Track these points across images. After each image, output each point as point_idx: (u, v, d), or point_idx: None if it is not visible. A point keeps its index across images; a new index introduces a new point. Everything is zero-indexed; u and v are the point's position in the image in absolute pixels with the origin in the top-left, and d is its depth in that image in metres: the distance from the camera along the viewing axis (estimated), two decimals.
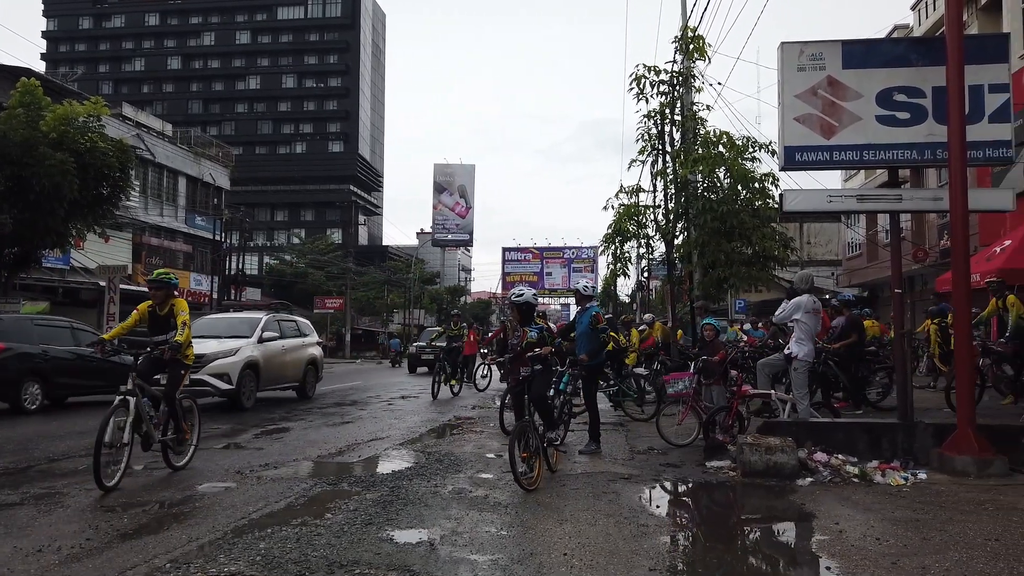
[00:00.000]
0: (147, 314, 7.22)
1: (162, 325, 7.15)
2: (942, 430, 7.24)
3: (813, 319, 8.75)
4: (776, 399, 8.79)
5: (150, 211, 36.04)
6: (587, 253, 75.51)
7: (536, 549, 4.62)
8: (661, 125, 15.10)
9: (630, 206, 15.61)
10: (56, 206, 15.71)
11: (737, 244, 13.91)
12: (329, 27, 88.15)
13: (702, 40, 14.63)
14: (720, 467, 7.31)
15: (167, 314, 7.14)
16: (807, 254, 33.26)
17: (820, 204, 8.04)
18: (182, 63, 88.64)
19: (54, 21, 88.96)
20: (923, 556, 4.48)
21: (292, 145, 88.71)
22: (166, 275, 7.25)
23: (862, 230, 27.25)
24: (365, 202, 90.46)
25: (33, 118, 16.03)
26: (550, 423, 7.17)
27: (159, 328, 7.18)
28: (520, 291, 7.24)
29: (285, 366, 14.19)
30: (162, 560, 4.35)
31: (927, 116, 7.60)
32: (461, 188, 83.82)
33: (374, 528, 5.08)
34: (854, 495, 6.13)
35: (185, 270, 39.08)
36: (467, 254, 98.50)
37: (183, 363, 7.17)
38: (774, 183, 13.91)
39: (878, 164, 8.12)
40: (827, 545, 4.81)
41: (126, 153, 17.90)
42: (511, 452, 6.26)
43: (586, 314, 8.65)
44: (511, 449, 6.28)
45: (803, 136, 7.79)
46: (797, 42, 7.93)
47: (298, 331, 15.37)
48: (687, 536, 5.30)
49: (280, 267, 62.36)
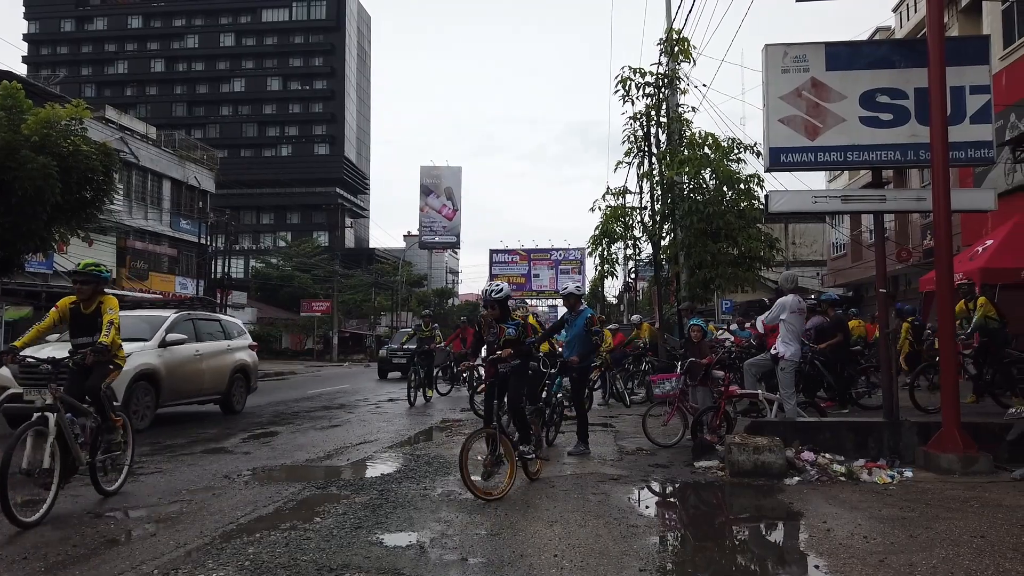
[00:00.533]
0: (68, 312, 6.22)
1: (87, 325, 6.18)
2: (927, 428, 7.31)
3: (798, 319, 8.82)
4: (763, 399, 8.84)
5: (134, 215, 35.74)
6: (575, 255, 75.59)
7: (526, 551, 4.62)
8: (647, 127, 15.19)
9: (617, 208, 15.69)
10: (39, 210, 15.53)
11: (723, 245, 14.01)
12: (314, 29, 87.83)
13: (687, 42, 14.74)
14: (708, 467, 7.34)
15: (93, 312, 6.18)
16: (792, 254, 33.47)
17: (805, 205, 8.11)
18: (166, 65, 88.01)
19: (36, 23, 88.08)
20: (910, 553, 4.52)
21: (278, 148, 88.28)
22: (95, 267, 6.32)
23: (846, 230, 27.47)
24: (351, 205, 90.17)
25: (14, 121, 15.83)
26: (524, 435, 6.70)
27: (83, 329, 6.21)
28: (498, 286, 6.83)
29: (200, 375, 11.96)
30: (149, 567, 4.32)
31: (910, 117, 7.69)
32: (448, 190, 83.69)
33: (364, 531, 5.07)
34: (841, 494, 6.17)
35: (171, 274, 38.82)
36: (454, 256, 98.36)
37: (115, 363, 6.36)
38: (759, 184, 14.03)
39: (862, 165, 8.19)
40: (815, 544, 4.84)
41: (110, 156, 17.70)
42: (461, 458, 5.93)
43: (581, 316, 8.58)
44: (462, 455, 5.95)
45: (788, 137, 7.85)
46: (781, 44, 7.99)
47: (222, 332, 13.11)
48: (676, 536, 5.32)
49: (266, 270, 62.02)
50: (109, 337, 6.02)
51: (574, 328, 8.59)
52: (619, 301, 55.12)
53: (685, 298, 14.96)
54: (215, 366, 12.41)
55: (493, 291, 6.81)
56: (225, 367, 12.70)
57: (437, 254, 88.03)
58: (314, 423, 11.64)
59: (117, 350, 6.34)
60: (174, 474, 7.28)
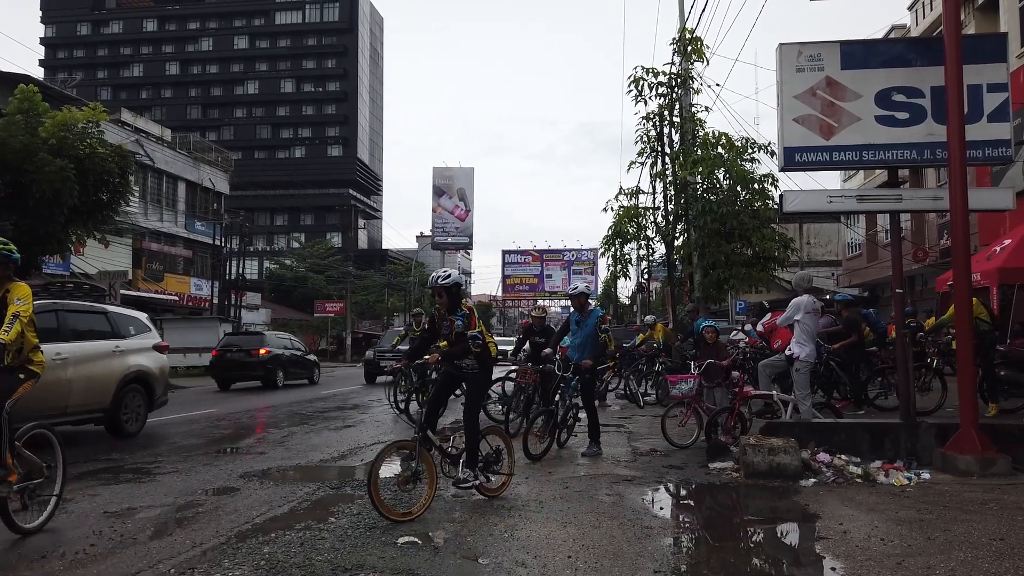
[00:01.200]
0: None
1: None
2: (945, 430, 7.24)
3: (813, 319, 8.76)
4: (778, 400, 8.79)
5: (150, 216, 36.05)
6: (587, 255, 75.53)
7: (540, 552, 4.62)
8: (660, 127, 15.18)
9: (630, 208, 15.68)
10: (56, 212, 15.71)
11: (737, 245, 13.97)
12: (327, 31, 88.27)
13: (700, 42, 14.70)
14: (723, 468, 7.31)
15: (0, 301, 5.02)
16: (807, 255, 33.28)
17: (820, 205, 8.05)
18: (180, 68, 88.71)
19: (52, 27, 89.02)
20: (928, 556, 4.48)
21: (291, 149, 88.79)
22: (4, 246, 5.11)
23: (862, 230, 27.29)
24: (364, 206, 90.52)
25: (32, 124, 16.03)
26: (472, 456, 5.83)
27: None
28: (446, 272, 6.00)
29: (63, 387, 8.96)
30: (166, 565, 4.35)
31: (926, 116, 7.61)
32: (460, 191, 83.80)
33: (378, 532, 5.08)
34: (858, 496, 6.12)
35: (185, 275, 39.11)
36: (467, 257, 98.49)
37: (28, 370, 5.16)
38: (773, 184, 13.98)
39: (878, 164, 8.12)
40: (831, 546, 4.80)
41: (125, 159, 17.89)
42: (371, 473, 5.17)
43: (592, 316, 8.55)
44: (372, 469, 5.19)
45: (802, 137, 7.80)
46: (795, 43, 7.94)
47: (109, 329, 10.17)
48: (691, 538, 5.30)
49: (280, 271, 62.38)
50: (11, 334, 4.81)
51: (586, 328, 8.53)
52: (632, 302, 54.97)
53: (698, 298, 14.92)
54: (91, 374, 9.51)
55: (440, 277, 5.91)
56: (110, 376, 9.81)
57: (450, 255, 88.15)
58: (328, 423, 11.68)
59: (31, 352, 5.20)
60: (190, 474, 7.33)
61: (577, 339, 8.63)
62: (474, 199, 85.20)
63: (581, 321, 8.59)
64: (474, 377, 6.07)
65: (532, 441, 7.89)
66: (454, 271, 6.14)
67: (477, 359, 5.94)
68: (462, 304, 5.96)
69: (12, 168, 15.10)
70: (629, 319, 50.75)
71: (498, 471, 6.12)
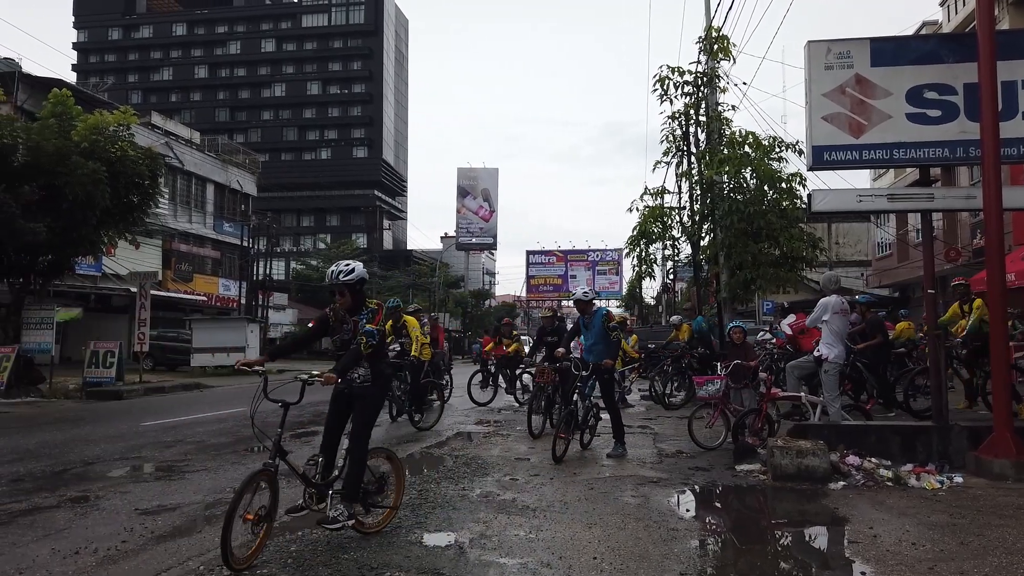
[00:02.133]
0: None
1: None
2: (978, 433, 7.11)
3: (841, 320, 8.63)
4: (806, 401, 8.68)
5: (179, 218, 36.55)
6: (612, 255, 75.19)
7: (565, 553, 4.61)
8: (686, 126, 15.08)
9: (655, 208, 15.59)
10: (89, 214, 15.99)
11: (764, 245, 13.83)
12: (353, 34, 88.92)
13: (726, 40, 14.59)
14: (750, 470, 7.24)
15: None
16: (835, 254, 32.85)
17: (850, 204, 7.94)
18: (209, 72, 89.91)
19: (84, 32, 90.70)
20: (961, 561, 4.39)
21: (317, 151, 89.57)
22: None
23: (892, 230, 26.88)
24: (389, 207, 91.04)
25: (65, 128, 16.33)
26: (352, 488, 4.73)
27: None
28: (349, 265, 4.89)
29: None
30: (196, 563, 4.41)
31: (959, 113, 7.48)
32: (484, 192, 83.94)
33: (403, 531, 5.10)
34: (888, 499, 6.03)
35: (214, 275, 39.59)
36: (491, 258, 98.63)
37: None
38: (801, 183, 13.82)
39: (909, 163, 7.99)
40: (861, 550, 4.73)
41: (155, 161, 18.17)
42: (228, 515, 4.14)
43: (596, 316, 8.60)
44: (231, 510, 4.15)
45: (831, 135, 7.70)
46: (824, 40, 7.84)
47: None
48: (718, 540, 5.25)
49: (306, 272, 62.91)
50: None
51: (593, 330, 8.58)
52: (657, 302, 54.69)
53: (725, 298, 14.80)
54: None
55: (342, 272, 4.83)
56: None
57: (474, 255, 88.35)
58: None
59: None
60: (218, 472, 7.41)
61: (588, 340, 8.68)
62: (499, 200, 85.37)
63: (588, 323, 8.67)
64: (364, 392, 4.89)
65: (558, 444, 7.86)
66: (358, 264, 4.93)
67: (372, 369, 4.88)
68: (366, 303, 4.94)
69: (46, 171, 15.40)
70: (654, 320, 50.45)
71: (380, 503, 5.07)
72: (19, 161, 15.60)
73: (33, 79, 25.23)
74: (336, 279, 4.82)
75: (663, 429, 10.63)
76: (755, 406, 8.44)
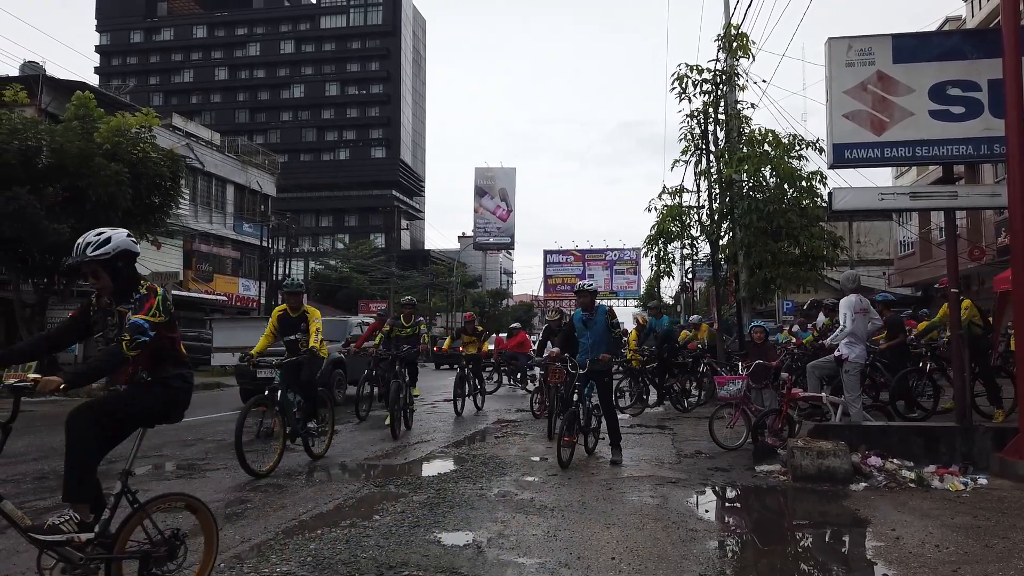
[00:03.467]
0: None
1: None
2: (1002, 434, 7.01)
3: (862, 319, 8.54)
4: (827, 402, 8.60)
5: (200, 218, 36.90)
6: (629, 255, 74.94)
7: (583, 553, 4.59)
8: (704, 124, 14.99)
9: (673, 207, 15.51)
10: (111, 215, 16.20)
11: (784, 244, 13.72)
12: (371, 34, 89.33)
13: (746, 37, 14.49)
14: (770, 471, 7.18)
15: None
16: (856, 253, 32.52)
17: (871, 202, 7.86)
18: (229, 73, 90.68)
19: (107, 35, 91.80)
20: (985, 564, 4.33)
21: (336, 152, 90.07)
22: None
23: (914, 228, 26.58)
24: (407, 207, 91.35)
25: (88, 130, 16.56)
26: None
27: None
28: (101, 235, 3.59)
29: None
30: (216, 559, 4.43)
31: (983, 110, 7.37)
32: (502, 191, 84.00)
33: (422, 530, 5.11)
34: (911, 500, 5.96)
35: (234, 275, 39.93)
36: (508, 257, 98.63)
37: None
38: (822, 181, 13.70)
39: (932, 160, 7.90)
40: (883, 552, 4.68)
41: (176, 163, 18.39)
42: None
43: (599, 313, 8.09)
44: None
45: (852, 133, 7.62)
46: (845, 37, 7.76)
47: None
48: (737, 541, 5.21)
49: (325, 272, 63.31)
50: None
51: (596, 327, 8.03)
52: (676, 301, 54.42)
53: (744, 297, 14.70)
54: None
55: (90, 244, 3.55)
56: None
57: (491, 255, 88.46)
58: (372, 422, 11.78)
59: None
60: (238, 470, 7.45)
61: (588, 339, 8.08)
62: (516, 199, 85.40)
63: (589, 320, 8.09)
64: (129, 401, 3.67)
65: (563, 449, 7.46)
66: (117, 232, 3.65)
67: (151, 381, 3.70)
68: (140, 285, 3.63)
69: (70, 172, 15.63)
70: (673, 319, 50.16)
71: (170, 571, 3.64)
72: (43, 163, 15.85)
73: (56, 82, 25.57)
74: (83, 255, 3.49)
75: (681, 429, 10.58)
76: (775, 406, 8.38)
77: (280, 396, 7.52)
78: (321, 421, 8.17)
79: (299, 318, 8.09)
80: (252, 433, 7.38)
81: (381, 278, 56.93)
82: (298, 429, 7.78)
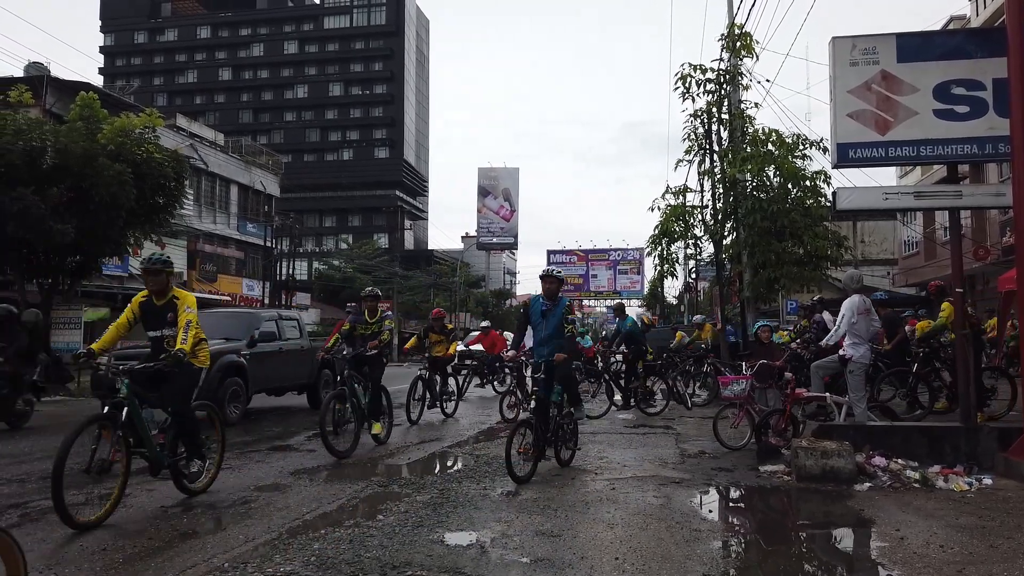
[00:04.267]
0: None
1: None
2: (1007, 434, 6.99)
3: (865, 319, 8.52)
4: (831, 402, 8.58)
5: (203, 219, 36.95)
6: (633, 255, 74.81)
7: (587, 553, 4.59)
8: (708, 124, 14.98)
9: (677, 206, 15.49)
10: (115, 215, 16.24)
11: (788, 244, 13.71)
12: (374, 35, 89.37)
13: (749, 37, 14.47)
14: (774, 471, 7.17)
15: None
16: (861, 253, 32.45)
17: (875, 202, 7.86)
18: (232, 74, 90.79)
19: (111, 36, 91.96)
20: (990, 565, 4.32)
21: (339, 152, 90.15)
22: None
23: (919, 228, 26.52)
24: (411, 207, 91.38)
25: (92, 131, 16.59)
26: None
27: None
28: None
29: None
30: (221, 559, 4.45)
31: (988, 109, 7.36)
32: (505, 191, 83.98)
33: (425, 530, 5.11)
34: (915, 501, 5.95)
35: (238, 276, 39.98)
36: (512, 257, 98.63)
37: None
38: (826, 181, 13.69)
39: (936, 160, 7.88)
40: (888, 552, 4.67)
41: (180, 163, 18.41)
42: None
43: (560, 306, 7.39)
44: None
45: (856, 132, 7.61)
46: (849, 37, 7.75)
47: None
48: (741, 541, 5.21)
49: (329, 272, 63.33)
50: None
51: (552, 320, 7.26)
52: (679, 301, 54.37)
53: (748, 297, 14.67)
54: None
55: None
56: None
57: (495, 255, 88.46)
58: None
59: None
60: (243, 471, 7.48)
61: (542, 332, 7.33)
62: (519, 199, 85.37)
63: (548, 311, 7.32)
64: None
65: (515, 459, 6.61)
66: None
67: None
68: None
69: (74, 173, 15.65)
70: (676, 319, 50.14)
71: None
72: (48, 163, 15.88)
73: (61, 82, 25.63)
74: None
75: (685, 429, 10.57)
76: (779, 406, 8.36)
77: (125, 416, 5.43)
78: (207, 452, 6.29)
79: (166, 306, 5.99)
80: (84, 465, 5.26)
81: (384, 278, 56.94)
82: (161, 460, 5.76)
